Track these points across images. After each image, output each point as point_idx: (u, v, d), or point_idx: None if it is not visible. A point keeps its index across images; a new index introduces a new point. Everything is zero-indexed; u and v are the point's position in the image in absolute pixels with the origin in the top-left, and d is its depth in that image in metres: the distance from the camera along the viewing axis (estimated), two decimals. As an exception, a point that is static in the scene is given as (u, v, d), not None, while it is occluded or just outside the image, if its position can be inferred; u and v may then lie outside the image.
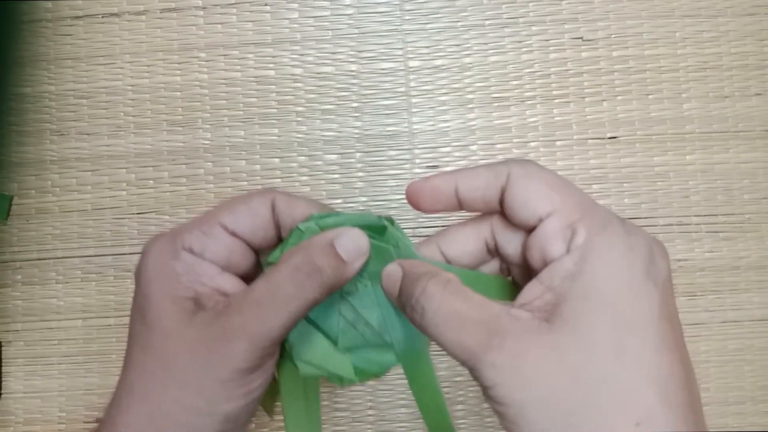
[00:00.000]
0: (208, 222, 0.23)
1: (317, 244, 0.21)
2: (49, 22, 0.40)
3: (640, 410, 0.17)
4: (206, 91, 0.39)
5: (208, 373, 0.20)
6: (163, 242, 0.23)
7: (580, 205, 0.20)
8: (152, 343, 0.22)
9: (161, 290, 0.22)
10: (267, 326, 0.20)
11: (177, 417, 0.21)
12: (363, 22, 0.39)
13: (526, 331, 0.19)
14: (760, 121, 0.39)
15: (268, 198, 0.23)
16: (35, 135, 0.39)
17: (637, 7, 0.39)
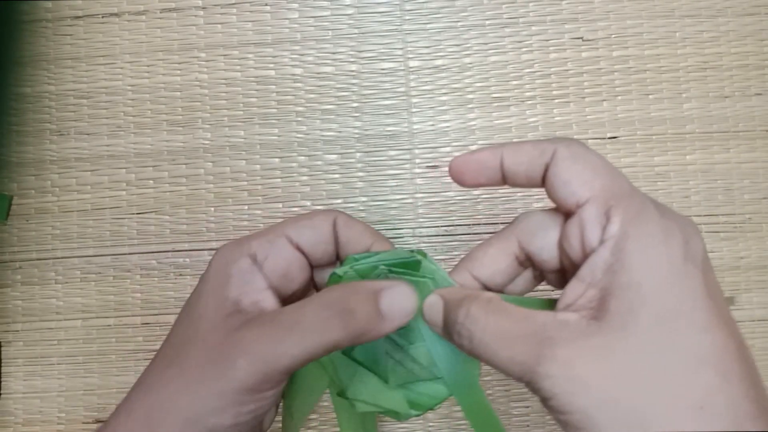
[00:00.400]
0: (274, 232, 0.24)
1: (360, 289, 0.21)
2: (49, 22, 0.40)
3: (701, 393, 0.17)
4: (206, 91, 0.39)
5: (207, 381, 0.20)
6: (233, 245, 0.24)
7: (617, 190, 0.20)
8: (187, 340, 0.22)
9: (213, 289, 0.23)
10: (277, 351, 0.20)
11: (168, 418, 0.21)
12: (363, 22, 0.39)
13: (576, 335, 0.18)
14: (761, 121, 0.39)
15: (331, 216, 0.24)
16: (35, 135, 0.39)
17: (637, 7, 0.39)
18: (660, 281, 0.18)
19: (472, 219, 0.38)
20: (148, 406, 0.21)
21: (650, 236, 0.19)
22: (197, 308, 0.23)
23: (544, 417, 0.38)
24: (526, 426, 0.38)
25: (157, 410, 0.21)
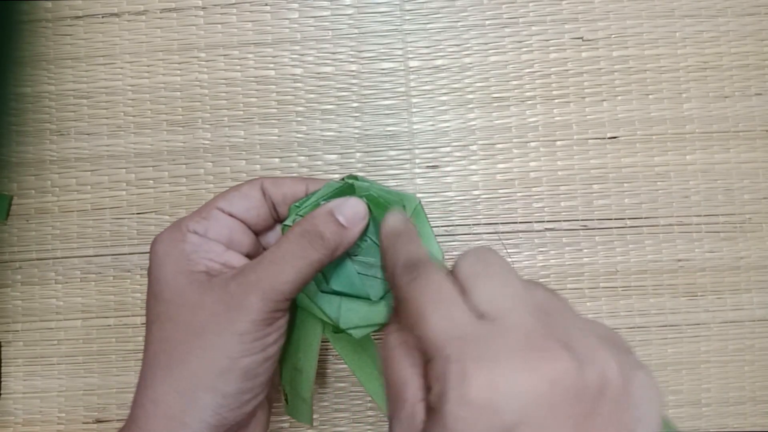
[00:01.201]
0: (206, 208, 0.25)
1: (319, 214, 0.24)
2: (49, 22, 0.40)
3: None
4: (206, 91, 0.39)
5: (227, 328, 0.22)
6: (170, 230, 0.25)
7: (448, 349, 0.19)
8: (171, 316, 0.23)
9: (174, 269, 0.24)
10: (279, 280, 0.23)
11: (202, 379, 0.22)
12: (363, 22, 0.39)
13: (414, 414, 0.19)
14: (761, 121, 0.39)
15: (257, 182, 0.26)
16: (35, 135, 0.39)
17: (637, 7, 0.39)
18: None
19: (472, 219, 0.38)
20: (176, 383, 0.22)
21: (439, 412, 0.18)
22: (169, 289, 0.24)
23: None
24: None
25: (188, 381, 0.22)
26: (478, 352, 0.17)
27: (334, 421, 0.38)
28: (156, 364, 0.23)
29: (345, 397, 0.38)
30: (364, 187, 0.26)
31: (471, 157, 0.39)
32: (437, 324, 0.18)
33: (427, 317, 0.19)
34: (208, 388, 0.22)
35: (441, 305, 0.19)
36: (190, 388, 0.22)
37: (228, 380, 0.22)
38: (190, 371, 0.22)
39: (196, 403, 0.22)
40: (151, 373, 0.23)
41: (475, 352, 0.17)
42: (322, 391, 0.38)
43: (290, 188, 0.26)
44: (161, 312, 0.24)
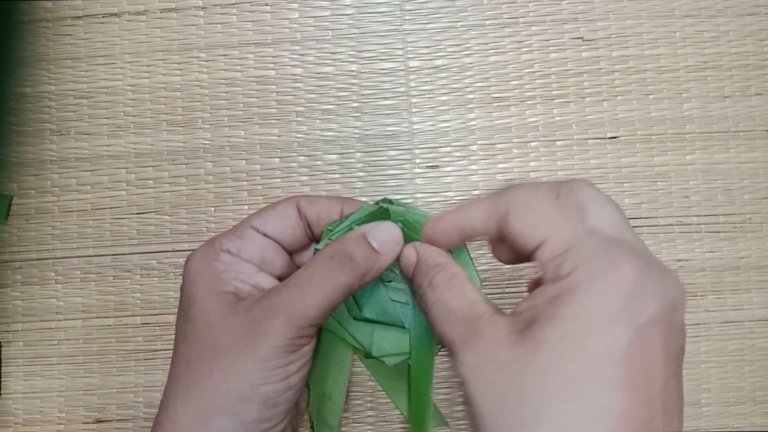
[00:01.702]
0: (240, 227, 0.25)
1: (351, 237, 0.23)
2: (49, 22, 0.40)
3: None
4: (206, 91, 0.39)
5: (249, 353, 0.22)
6: (204, 248, 0.25)
7: (571, 234, 0.20)
8: (197, 335, 0.23)
9: (204, 287, 0.23)
10: (304, 305, 0.22)
11: (221, 403, 0.22)
12: (363, 22, 0.39)
13: (497, 337, 0.19)
14: (761, 120, 0.39)
15: (293, 201, 0.26)
16: (35, 135, 0.39)
17: (637, 7, 0.39)
18: (584, 329, 0.18)
19: (472, 219, 0.38)
20: (194, 404, 0.22)
21: (592, 286, 0.19)
22: (197, 308, 0.23)
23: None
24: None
25: (206, 403, 0.22)
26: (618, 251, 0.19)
27: (334, 421, 0.38)
28: (178, 382, 0.23)
29: (345, 397, 0.38)
30: (399, 212, 0.25)
31: (471, 157, 0.39)
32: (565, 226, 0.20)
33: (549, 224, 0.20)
34: (226, 412, 0.22)
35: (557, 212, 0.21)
36: (208, 411, 0.22)
37: (247, 407, 0.22)
38: (209, 394, 0.22)
39: (213, 427, 0.22)
40: (173, 392, 0.23)
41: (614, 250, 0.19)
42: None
43: (325, 208, 0.25)
44: (188, 330, 0.23)
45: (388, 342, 0.25)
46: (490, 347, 0.19)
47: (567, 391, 0.18)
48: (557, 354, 0.18)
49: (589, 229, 0.20)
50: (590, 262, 0.19)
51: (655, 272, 0.19)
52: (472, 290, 0.22)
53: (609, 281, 0.19)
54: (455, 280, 0.22)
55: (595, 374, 0.18)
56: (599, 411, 0.17)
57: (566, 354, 0.18)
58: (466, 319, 0.20)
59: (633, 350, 0.18)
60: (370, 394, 0.38)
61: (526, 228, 0.21)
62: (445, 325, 0.21)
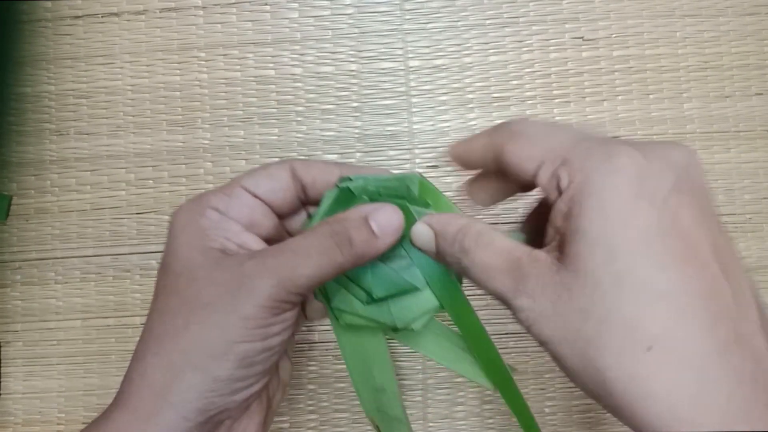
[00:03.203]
0: (230, 186, 0.24)
1: (353, 218, 0.23)
2: (48, 21, 0.40)
3: (650, 333, 0.17)
4: (206, 91, 0.39)
5: (232, 309, 0.21)
6: (190, 203, 0.24)
7: (562, 148, 0.20)
8: (177, 289, 0.22)
9: (188, 242, 0.23)
10: (297, 272, 0.22)
11: (194, 357, 0.21)
12: (363, 21, 0.39)
13: (543, 272, 0.20)
14: (761, 120, 0.39)
15: (287, 164, 0.25)
16: (35, 135, 0.39)
17: (637, 7, 0.39)
18: (606, 222, 0.18)
19: (473, 219, 0.38)
20: (166, 357, 0.21)
21: (596, 182, 0.19)
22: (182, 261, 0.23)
23: (545, 417, 0.38)
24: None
25: (178, 357, 0.21)
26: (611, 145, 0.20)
27: (334, 421, 0.38)
28: (150, 336, 0.22)
29: (345, 397, 0.38)
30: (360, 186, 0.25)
31: (471, 157, 0.39)
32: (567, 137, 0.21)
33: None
34: (199, 367, 0.21)
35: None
36: (180, 365, 0.21)
37: (221, 364, 0.21)
38: (182, 347, 0.21)
39: (184, 382, 0.21)
40: (144, 345, 0.22)
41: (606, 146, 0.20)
42: (322, 391, 0.38)
43: (321, 171, 0.25)
44: (168, 284, 0.23)
45: (408, 309, 0.25)
46: (539, 284, 0.19)
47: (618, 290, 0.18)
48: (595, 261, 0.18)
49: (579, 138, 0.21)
50: (586, 165, 0.19)
51: (655, 147, 0.19)
52: (501, 238, 0.22)
53: (612, 172, 0.19)
54: (482, 236, 0.22)
55: (639, 262, 0.18)
56: (657, 292, 0.17)
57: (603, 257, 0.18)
58: (507, 269, 0.21)
59: (664, 226, 0.18)
60: (370, 395, 0.38)
61: (520, 157, 0.21)
62: (492, 281, 0.21)
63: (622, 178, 0.18)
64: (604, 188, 0.19)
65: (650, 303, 0.17)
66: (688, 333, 0.17)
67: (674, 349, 0.17)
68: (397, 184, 0.25)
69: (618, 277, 0.18)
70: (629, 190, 0.18)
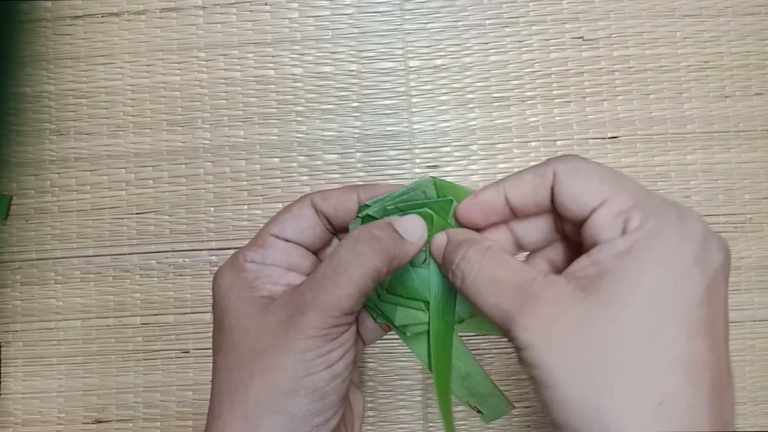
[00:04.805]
0: (260, 237, 0.25)
1: (376, 223, 0.23)
2: (48, 21, 0.40)
3: (665, 390, 0.18)
4: (206, 91, 0.39)
5: (287, 349, 0.22)
6: (229, 263, 0.24)
7: (632, 192, 0.20)
8: (233, 344, 0.23)
9: (236, 297, 0.23)
10: (335, 296, 0.22)
11: (267, 402, 0.21)
12: (363, 21, 0.39)
13: (560, 297, 0.19)
14: (762, 120, 0.39)
15: (307, 200, 0.25)
16: (35, 135, 0.39)
17: (637, 7, 0.39)
18: (661, 276, 0.19)
19: (473, 219, 0.38)
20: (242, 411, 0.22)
21: (666, 234, 0.19)
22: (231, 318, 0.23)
23: (545, 417, 0.38)
24: (526, 426, 0.38)
25: (252, 407, 0.22)
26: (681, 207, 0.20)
27: (334, 421, 0.38)
28: (221, 393, 0.23)
29: (345, 397, 0.38)
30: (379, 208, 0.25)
31: (471, 157, 0.39)
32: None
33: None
34: (275, 410, 0.21)
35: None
36: (256, 413, 0.21)
37: (294, 401, 0.21)
38: (254, 396, 0.22)
39: (264, 428, 0.21)
40: (218, 404, 0.23)
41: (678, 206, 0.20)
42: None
43: (340, 200, 0.25)
44: (224, 341, 0.23)
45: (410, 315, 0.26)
46: (554, 308, 0.19)
47: (647, 340, 0.18)
48: (635, 305, 0.18)
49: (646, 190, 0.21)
50: (661, 215, 0.19)
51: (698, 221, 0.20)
52: (512, 258, 0.21)
53: (684, 232, 0.19)
54: (491, 251, 0.22)
55: (676, 321, 0.18)
56: (681, 356, 0.18)
57: (645, 304, 0.18)
58: (516, 285, 0.20)
59: (708, 297, 0.18)
60: (371, 395, 0.38)
61: (582, 191, 0.21)
62: (495, 296, 0.20)
63: (691, 243, 0.19)
64: (674, 244, 0.19)
65: (673, 364, 0.18)
66: (695, 401, 0.18)
67: (681, 412, 0.17)
68: (412, 193, 0.25)
69: (650, 329, 0.18)
70: (692, 256, 0.19)
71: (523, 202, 0.23)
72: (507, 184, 0.23)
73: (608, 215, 0.20)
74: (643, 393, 0.18)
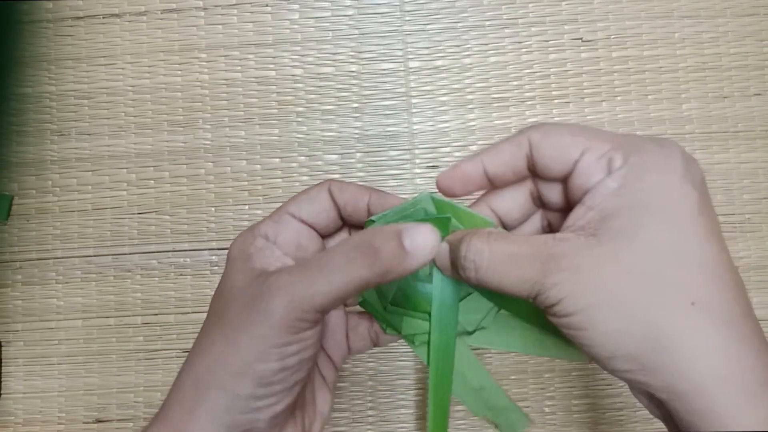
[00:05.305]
0: (278, 213, 0.26)
1: (384, 230, 0.22)
2: (50, 22, 0.40)
3: (696, 291, 0.19)
4: (207, 92, 0.39)
5: (246, 328, 0.22)
6: (244, 233, 0.25)
7: (608, 137, 0.22)
8: (217, 309, 0.24)
9: (237, 268, 0.24)
10: (310, 290, 0.21)
11: (216, 376, 0.22)
12: (363, 22, 0.40)
13: (576, 248, 0.20)
14: (760, 121, 0.39)
15: (325, 185, 0.26)
16: (36, 135, 0.39)
17: (636, 8, 0.39)
18: (661, 198, 0.20)
19: (472, 219, 0.38)
20: (194, 374, 0.23)
21: (652, 164, 0.21)
22: (227, 284, 0.24)
23: (544, 417, 0.38)
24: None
25: (204, 374, 0.22)
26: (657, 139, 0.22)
27: (334, 420, 0.38)
28: (191, 353, 0.24)
29: (345, 397, 0.38)
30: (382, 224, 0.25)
31: (471, 158, 0.39)
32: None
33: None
34: (221, 386, 0.22)
35: None
36: (205, 383, 0.22)
37: (241, 382, 0.22)
38: (207, 366, 0.22)
39: (209, 400, 0.22)
40: (185, 362, 0.24)
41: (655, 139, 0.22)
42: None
43: (352, 196, 0.25)
44: (212, 305, 0.24)
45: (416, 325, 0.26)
46: (575, 259, 0.20)
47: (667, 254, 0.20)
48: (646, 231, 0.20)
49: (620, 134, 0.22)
50: (641, 149, 0.21)
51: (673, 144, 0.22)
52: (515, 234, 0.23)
53: (666, 156, 0.21)
54: (493, 234, 0.22)
55: (685, 232, 0.20)
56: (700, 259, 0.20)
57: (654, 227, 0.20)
58: (531, 254, 0.21)
59: (703, 206, 0.21)
60: (371, 394, 0.38)
61: (561, 148, 0.22)
62: (515, 270, 0.21)
63: (675, 162, 0.21)
64: (660, 169, 0.20)
65: (695, 268, 0.20)
66: (722, 297, 0.19)
67: (712, 309, 0.19)
68: (412, 210, 0.25)
69: (671, 244, 0.20)
70: (680, 173, 0.20)
71: (500, 171, 0.24)
72: (485, 155, 0.24)
73: (592, 160, 0.21)
74: (677, 299, 0.19)
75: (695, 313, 0.19)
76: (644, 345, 0.19)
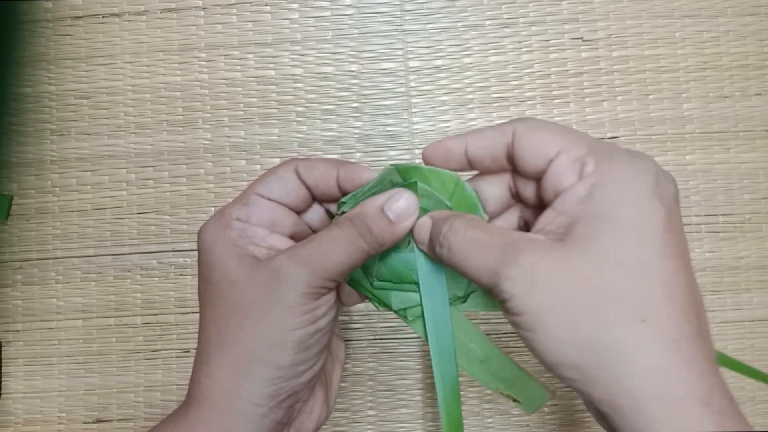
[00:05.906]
0: (245, 195, 0.26)
1: (370, 210, 0.24)
2: (49, 22, 0.40)
3: (646, 308, 0.19)
4: (206, 91, 0.39)
5: (278, 302, 0.23)
6: (214, 219, 0.26)
7: (586, 141, 0.22)
8: (221, 297, 0.24)
9: (222, 253, 0.25)
10: (328, 259, 0.24)
11: (255, 352, 0.23)
12: (363, 22, 0.39)
13: (539, 248, 0.21)
14: (760, 121, 0.39)
15: (292, 165, 0.26)
16: (35, 135, 0.39)
17: (637, 8, 0.39)
18: (627, 211, 0.20)
19: (472, 219, 0.38)
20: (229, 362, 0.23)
21: (622, 173, 0.21)
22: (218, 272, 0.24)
23: (544, 417, 0.38)
24: (526, 426, 0.38)
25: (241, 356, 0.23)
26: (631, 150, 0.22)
27: (334, 420, 0.38)
28: (209, 343, 0.24)
29: (345, 396, 0.38)
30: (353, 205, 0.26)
31: (471, 157, 0.39)
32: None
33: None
34: (262, 360, 0.23)
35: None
36: (244, 362, 0.23)
37: (282, 353, 0.23)
38: (243, 346, 0.23)
39: (252, 376, 0.23)
40: (206, 353, 0.24)
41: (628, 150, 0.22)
42: (322, 390, 0.38)
43: (321, 173, 0.26)
44: (212, 293, 0.25)
45: (405, 298, 0.26)
46: (534, 256, 0.20)
47: (623, 268, 0.19)
48: (607, 241, 0.20)
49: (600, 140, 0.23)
50: (613, 158, 0.21)
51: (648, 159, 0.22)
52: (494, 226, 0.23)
53: (636, 169, 0.21)
54: (475, 220, 0.23)
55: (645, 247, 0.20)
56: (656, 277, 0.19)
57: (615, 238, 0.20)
58: (500, 244, 0.21)
59: (669, 223, 0.20)
60: (371, 394, 0.38)
61: (540, 144, 0.23)
62: (479, 257, 0.21)
63: (646, 176, 0.21)
64: (630, 181, 0.21)
65: (649, 284, 0.19)
66: (673, 315, 0.19)
67: (661, 327, 0.19)
68: (380, 186, 0.26)
69: (629, 258, 0.20)
70: (649, 187, 0.20)
71: (479, 154, 0.25)
72: (469, 136, 0.25)
73: (565, 163, 0.22)
74: (627, 314, 0.19)
75: (643, 330, 0.19)
76: (588, 357, 0.19)
